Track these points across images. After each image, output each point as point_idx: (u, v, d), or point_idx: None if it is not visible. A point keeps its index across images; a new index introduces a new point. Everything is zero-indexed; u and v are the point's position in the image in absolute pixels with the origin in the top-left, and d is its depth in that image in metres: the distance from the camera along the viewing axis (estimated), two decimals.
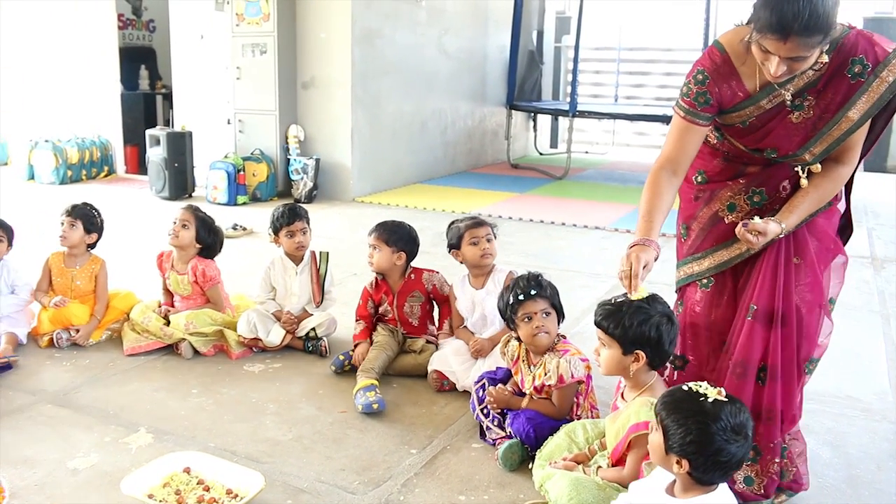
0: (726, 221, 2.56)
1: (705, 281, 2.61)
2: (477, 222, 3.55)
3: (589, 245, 6.33)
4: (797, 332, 2.46)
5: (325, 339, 3.86)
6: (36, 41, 9.60)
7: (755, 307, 2.44)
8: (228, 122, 8.47)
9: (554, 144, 13.20)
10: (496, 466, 2.81)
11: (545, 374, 2.83)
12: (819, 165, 2.43)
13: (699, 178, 2.63)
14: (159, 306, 4.04)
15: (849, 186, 2.57)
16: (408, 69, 8.91)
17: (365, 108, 8.24)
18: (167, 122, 10.04)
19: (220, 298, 4.01)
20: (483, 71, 10.73)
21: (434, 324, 3.82)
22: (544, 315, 2.87)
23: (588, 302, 4.68)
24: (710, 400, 1.91)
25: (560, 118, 12.40)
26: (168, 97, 10.09)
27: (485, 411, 2.99)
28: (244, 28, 8.08)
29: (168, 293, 4.09)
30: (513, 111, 10.76)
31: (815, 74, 2.31)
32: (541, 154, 12.10)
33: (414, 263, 3.80)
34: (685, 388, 1.97)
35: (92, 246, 4.10)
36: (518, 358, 2.98)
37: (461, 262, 3.60)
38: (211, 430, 3.06)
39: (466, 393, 3.31)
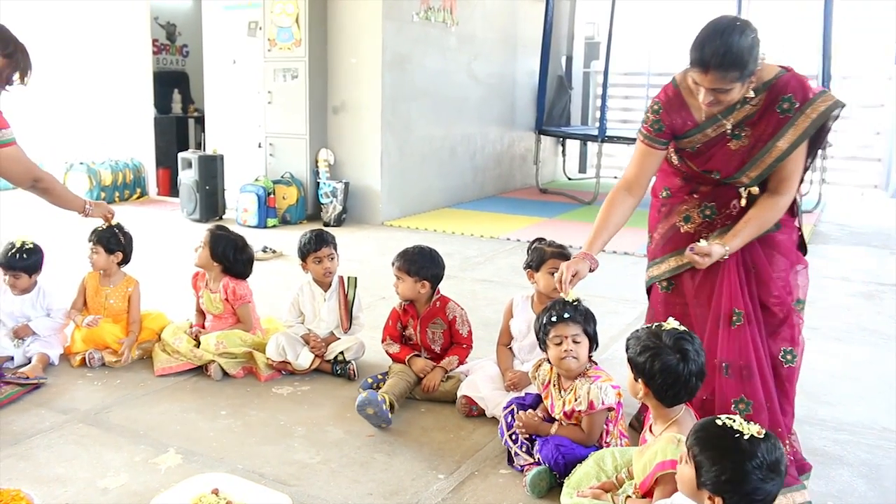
0: (682, 231, 2.96)
1: (665, 284, 3.02)
2: (562, 253, 3.47)
3: (618, 271, 6.30)
4: (768, 330, 2.82)
5: (353, 362, 3.87)
6: (72, 66, 9.80)
7: (742, 312, 2.77)
8: (259, 146, 8.57)
9: (583, 169, 13.19)
10: (524, 493, 2.79)
11: (575, 400, 2.82)
12: (757, 188, 2.79)
13: (664, 194, 3.05)
14: (190, 327, 4.08)
15: (794, 211, 2.90)
16: (437, 94, 8.98)
17: (394, 132, 8.31)
18: (199, 146, 10.18)
19: (249, 318, 4.05)
20: (512, 96, 10.78)
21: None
22: (574, 341, 2.85)
23: (617, 328, 4.66)
24: (746, 437, 1.88)
25: (589, 143, 12.39)
26: (200, 121, 10.25)
27: (513, 437, 2.97)
28: (276, 53, 8.20)
29: (201, 314, 4.14)
30: (542, 136, 10.80)
31: (751, 109, 2.69)
32: (569, 179, 12.11)
33: (443, 287, 3.81)
34: (719, 422, 1.94)
35: (123, 262, 4.16)
36: (549, 382, 2.97)
37: (532, 283, 3.57)
38: (239, 451, 3.07)
39: (495, 419, 3.30)
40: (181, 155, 8.49)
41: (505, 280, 5.87)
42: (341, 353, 3.86)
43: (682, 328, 2.41)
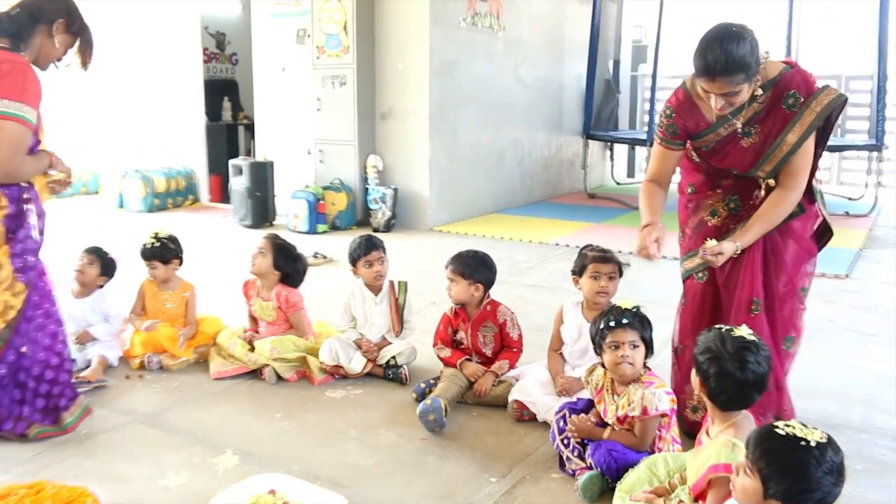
0: (710, 225, 3.14)
1: (700, 274, 3.18)
2: (603, 257, 3.52)
3: (667, 276, 6.24)
4: (778, 317, 3.04)
5: (405, 366, 3.92)
6: (126, 76, 10.01)
7: (759, 301, 2.99)
8: (309, 153, 8.69)
9: (631, 174, 13.11)
10: (576, 497, 2.81)
11: (629, 405, 2.83)
12: (774, 181, 2.96)
13: (690, 190, 3.24)
14: (244, 332, 4.16)
15: (812, 197, 3.07)
16: (485, 99, 9.01)
17: (442, 138, 8.36)
18: (249, 153, 10.33)
19: (302, 324, 4.12)
20: (559, 100, 10.77)
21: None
22: (632, 346, 2.85)
23: (668, 333, 4.62)
24: (812, 444, 1.89)
25: (637, 147, 12.32)
26: (250, 128, 10.40)
27: (565, 441, 2.99)
28: (324, 60, 8.30)
29: (253, 319, 4.22)
30: (589, 140, 10.75)
31: (759, 107, 2.87)
32: (618, 183, 12.05)
33: (492, 292, 3.84)
34: (780, 431, 1.94)
35: (179, 265, 4.30)
36: (602, 387, 2.98)
37: (578, 289, 3.61)
38: (295, 453, 3.14)
39: (546, 423, 3.31)
40: (232, 162, 8.64)
41: (554, 285, 5.88)
42: (393, 357, 3.91)
43: (752, 337, 2.40)
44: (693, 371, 2.48)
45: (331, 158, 8.47)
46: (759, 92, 2.83)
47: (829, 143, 3.07)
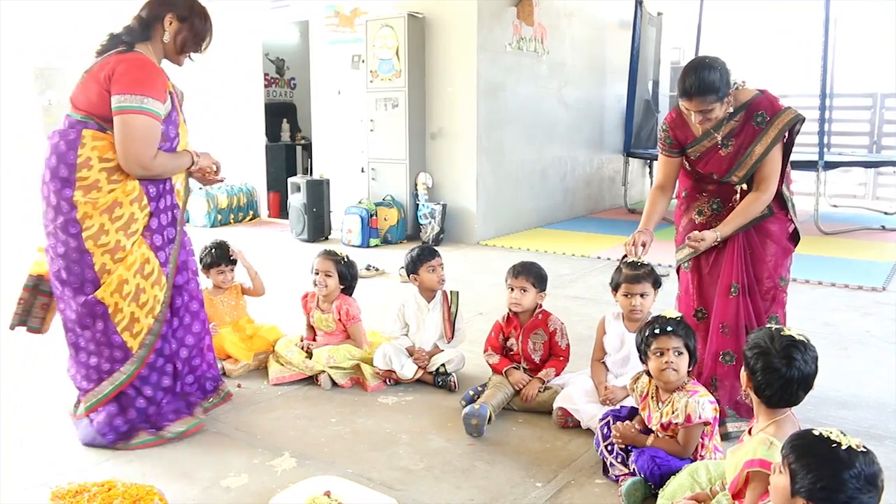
0: (696, 222, 3.52)
1: (686, 264, 3.53)
2: (635, 277, 3.48)
3: None
4: (760, 299, 3.37)
5: (454, 374, 3.89)
6: (193, 100, 10.17)
7: (737, 285, 3.32)
8: (362, 171, 8.73)
9: None
10: (619, 503, 2.75)
11: (673, 413, 2.77)
12: (745, 185, 3.36)
13: (684, 194, 3.62)
14: (301, 340, 4.18)
15: (785, 206, 3.42)
16: (529, 119, 8.98)
17: (489, 156, 8.34)
18: (306, 171, 10.42)
19: (360, 335, 4.11)
20: (601, 120, 10.69)
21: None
22: (676, 353, 2.80)
23: None
24: (843, 448, 1.82)
25: None
26: (307, 148, 10.50)
27: (609, 448, 2.94)
28: (378, 84, 8.35)
29: (311, 329, 4.23)
30: (629, 158, 10.66)
31: (735, 124, 3.30)
32: None
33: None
34: (816, 433, 1.89)
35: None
36: (647, 394, 2.93)
37: (617, 302, 3.59)
38: (348, 456, 3.13)
39: (590, 430, 3.27)
40: (290, 180, 8.72)
41: (597, 297, 5.81)
42: (443, 365, 3.89)
43: (801, 337, 2.33)
44: (742, 366, 2.42)
45: (383, 176, 8.50)
46: (730, 111, 3.26)
47: (867, 159, 3.13)
